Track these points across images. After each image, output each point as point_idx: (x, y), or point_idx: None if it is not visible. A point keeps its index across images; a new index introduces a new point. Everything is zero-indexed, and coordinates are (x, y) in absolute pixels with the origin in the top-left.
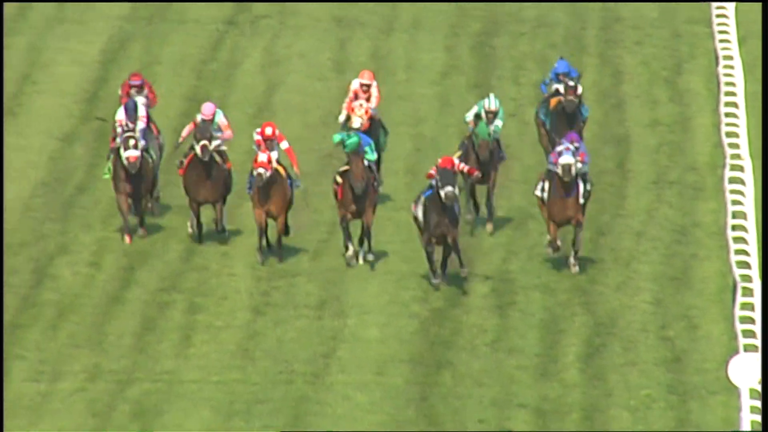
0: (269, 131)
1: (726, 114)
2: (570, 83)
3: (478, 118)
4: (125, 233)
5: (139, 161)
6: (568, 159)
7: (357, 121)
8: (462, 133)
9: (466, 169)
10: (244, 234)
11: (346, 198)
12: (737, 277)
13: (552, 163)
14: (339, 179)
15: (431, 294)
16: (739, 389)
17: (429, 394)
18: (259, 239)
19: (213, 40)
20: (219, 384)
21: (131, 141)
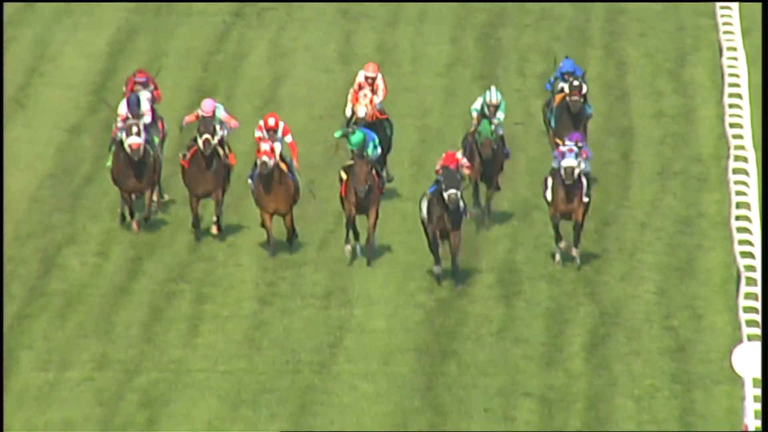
0: (272, 122)
1: (730, 105)
2: (575, 83)
3: (481, 116)
4: (133, 221)
5: (142, 149)
6: (570, 162)
7: (362, 110)
8: (467, 125)
9: (465, 165)
10: (250, 225)
11: (349, 196)
12: (741, 268)
13: (556, 158)
14: (343, 175)
15: (437, 284)
16: (743, 379)
17: (435, 383)
18: (268, 237)
19: (219, 31)
20: (226, 373)
21: (134, 128)
